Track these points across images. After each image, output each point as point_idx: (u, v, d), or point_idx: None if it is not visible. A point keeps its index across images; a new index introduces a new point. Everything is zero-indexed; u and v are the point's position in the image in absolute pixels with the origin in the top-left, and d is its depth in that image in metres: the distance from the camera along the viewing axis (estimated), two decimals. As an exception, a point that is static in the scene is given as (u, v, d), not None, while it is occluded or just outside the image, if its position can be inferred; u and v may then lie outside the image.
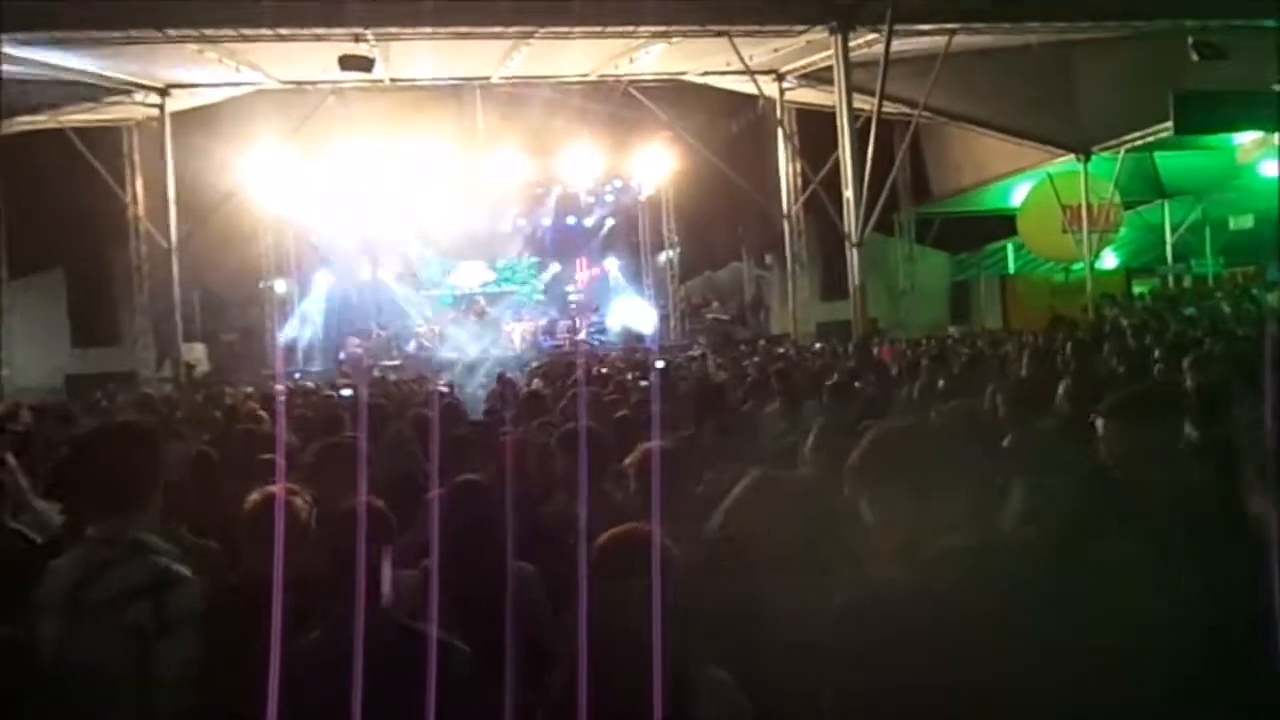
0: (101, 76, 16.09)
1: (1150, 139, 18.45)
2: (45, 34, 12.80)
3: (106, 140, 18.58)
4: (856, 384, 7.50)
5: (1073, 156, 20.38)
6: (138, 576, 2.70)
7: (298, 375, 18.26)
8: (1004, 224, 24.33)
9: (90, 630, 2.66)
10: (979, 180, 23.34)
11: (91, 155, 17.58)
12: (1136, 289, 23.25)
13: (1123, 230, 22.94)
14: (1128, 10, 15.01)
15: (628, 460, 3.60)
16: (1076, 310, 19.51)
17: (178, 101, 18.12)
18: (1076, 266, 22.21)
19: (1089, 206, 20.84)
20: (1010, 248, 25.12)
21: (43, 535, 3.74)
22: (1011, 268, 25.25)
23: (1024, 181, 22.70)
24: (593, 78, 19.05)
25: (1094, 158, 20.26)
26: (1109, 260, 23.94)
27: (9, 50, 13.08)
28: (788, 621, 2.43)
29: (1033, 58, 16.98)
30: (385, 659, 2.53)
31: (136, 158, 19.28)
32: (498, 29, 14.68)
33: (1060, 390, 4.97)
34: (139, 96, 17.69)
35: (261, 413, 9.40)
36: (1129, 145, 19.43)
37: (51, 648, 2.69)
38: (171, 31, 13.34)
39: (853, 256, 15.81)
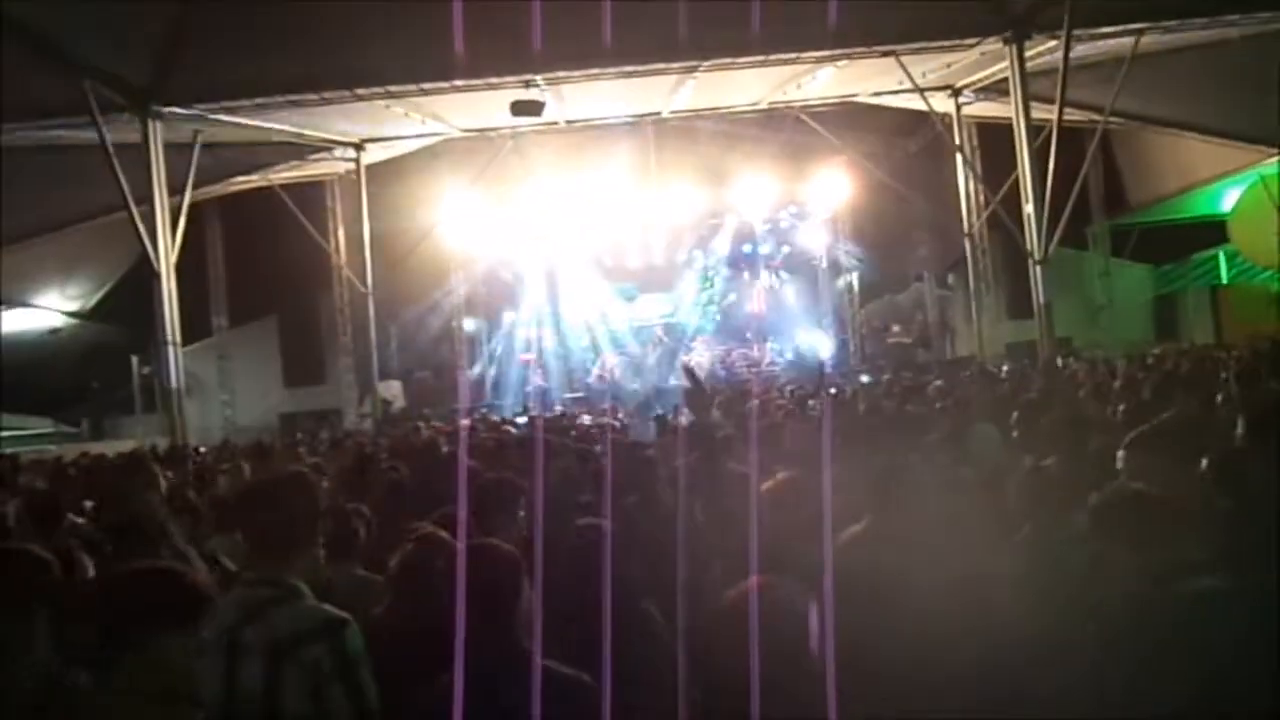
0: (302, 136, 17.43)
1: (1375, 130, 16.73)
2: (249, 101, 14.02)
3: (311, 194, 20.13)
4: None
5: (1287, 155, 18.75)
6: (300, 619, 2.80)
7: (485, 409, 19.10)
8: (1213, 231, 22.55)
9: (249, 671, 2.74)
10: (1182, 186, 21.81)
11: (298, 209, 19.06)
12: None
13: (1351, 232, 20.83)
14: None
15: (765, 485, 3.55)
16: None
17: (372, 155, 19.44)
18: (1299, 274, 20.35)
19: (1310, 207, 19.09)
20: (1222, 256, 23.25)
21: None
22: (1225, 278, 23.37)
23: (1234, 184, 21.02)
24: (763, 105, 19.08)
25: (1312, 154, 18.57)
26: (1336, 265, 21.79)
27: (221, 118, 14.44)
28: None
29: (1233, 51, 15.80)
30: (519, 700, 2.54)
31: (338, 209, 20.78)
32: (661, 65, 14.96)
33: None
34: (338, 152, 19.08)
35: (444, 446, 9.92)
36: (1351, 139, 17.69)
37: (208, 687, 2.76)
38: (360, 91, 14.35)
39: (1036, 273, 15.09)
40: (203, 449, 13.20)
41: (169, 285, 14.54)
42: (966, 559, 3.19)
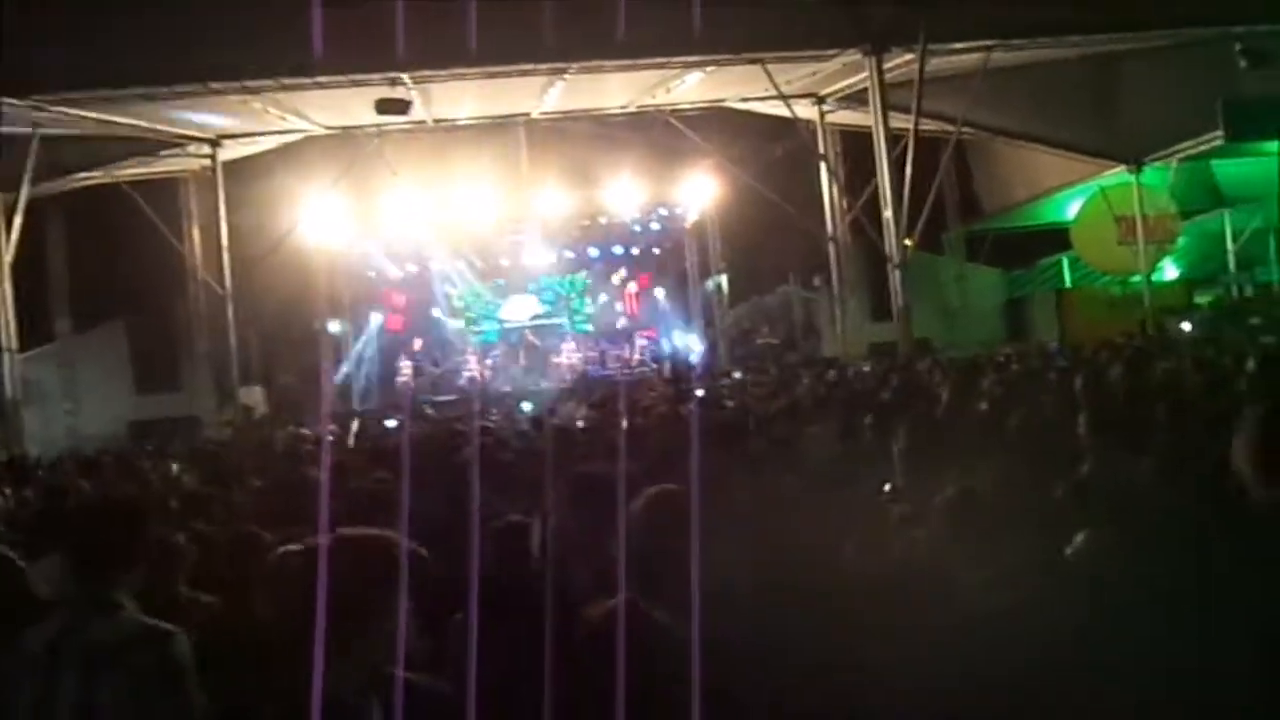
0: (154, 130, 16.63)
1: (1202, 148, 17.97)
2: (94, 93, 13.27)
3: (163, 192, 19.20)
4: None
5: (1124, 168, 19.95)
6: (124, 629, 2.77)
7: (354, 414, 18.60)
8: (1058, 238, 23.82)
9: (69, 683, 2.69)
10: (1030, 195, 22.96)
11: (148, 207, 18.15)
12: (1198, 299, 22.59)
13: (1182, 240, 22.30)
14: (1169, 19, 14.70)
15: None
16: (1133, 324, 19.01)
17: (229, 151, 18.69)
18: (1134, 278, 21.66)
19: (1144, 217, 20.36)
20: (1066, 262, 24.57)
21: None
22: (1068, 282, 24.70)
23: (1077, 194, 22.25)
24: (632, 109, 19.18)
25: (1146, 168, 19.81)
26: (1170, 271, 23.30)
27: (62, 109, 13.62)
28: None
29: (1076, 70, 16.75)
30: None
31: (192, 207, 19.88)
32: (530, 66, 14.88)
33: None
34: (192, 148, 18.27)
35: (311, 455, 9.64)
36: (1181, 155, 18.95)
37: (28, 701, 2.73)
38: (215, 85, 13.77)
39: (894, 277, 15.63)
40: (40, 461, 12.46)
41: (3, 288, 13.65)
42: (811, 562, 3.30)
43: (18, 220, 14.09)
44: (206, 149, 18.42)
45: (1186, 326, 19.01)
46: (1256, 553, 2.47)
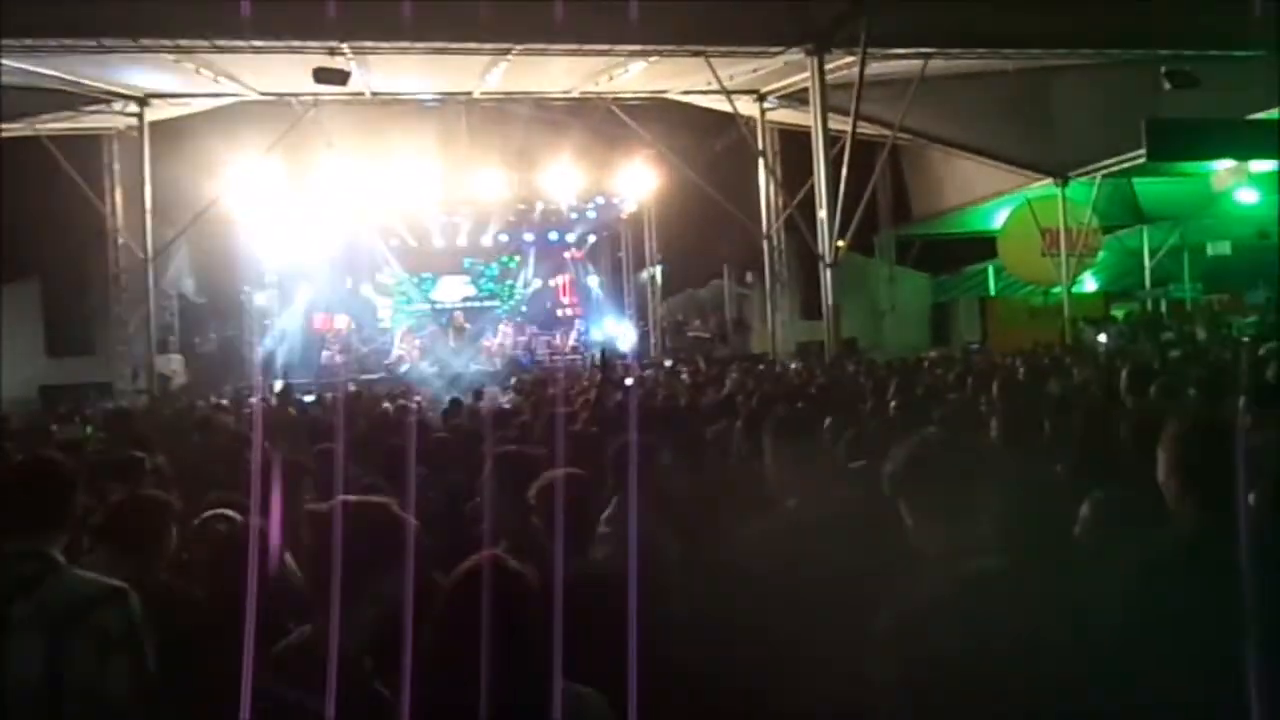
0: (78, 84, 16.06)
1: (1126, 165, 18.54)
2: (15, 41, 12.75)
3: (85, 149, 18.54)
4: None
5: (1051, 181, 20.48)
6: (80, 587, 2.74)
7: (277, 386, 18.21)
8: (985, 246, 24.41)
9: (26, 646, 2.62)
10: (960, 202, 23.43)
11: (69, 164, 17.52)
12: (1115, 312, 23.36)
13: (1102, 254, 23.02)
14: (1100, 40, 15.13)
15: (532, 489, 3.54)
16: (1053, 333, 19.57)
17: (157, 111, 18.12)
18: (1055, 289, 22.28)
19: (1067, 230, 20.93)
20: (991, 270, 25.20)
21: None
22: (992, 290, 25.32)
23: (1005, 205, 22.80)
24: (575, 94, 19.10)
25: (1072, 182, 20.36)
26: (1089, 284, 24.02)
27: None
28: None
29: (1010, 82, 17.13)
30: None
31: (116, 167, 19.27)
32: (474, 45, 14.72)
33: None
34: (118, 106, 17.68)
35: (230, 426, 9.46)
36: (1105, 171, 19.52)
37: None
38: (145, 41, 13.34)
39: (826, 276, 15.85)
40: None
41: (-91, 238, 13.08)
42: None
43: (-74, 169, 13.47)
44: (134, 107, 17.83)
45: (1103, 338, 19.63)
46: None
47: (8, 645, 2.63)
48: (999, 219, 23.25)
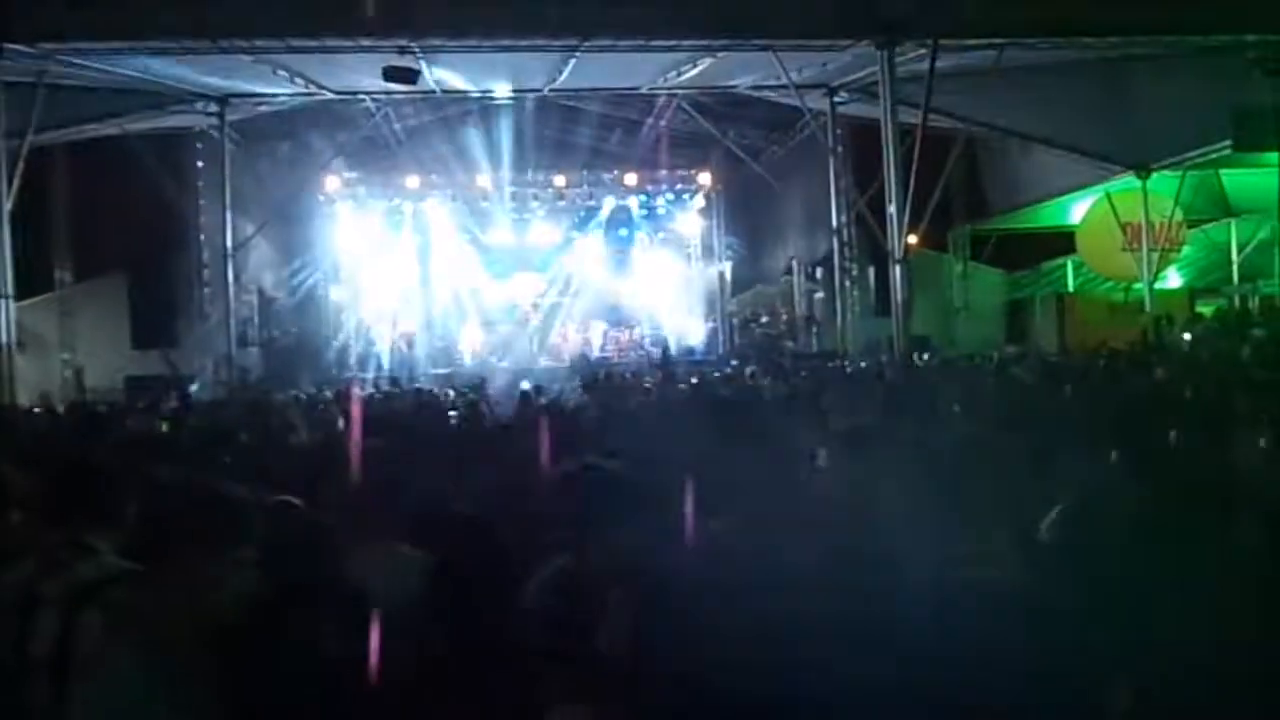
0: (163, 86, 16.61)
1: (1211, 156, 17.88)
2: (104, 44, 13.25)
3: (171, 148, 19.17)
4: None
5: (1132, 173, 19.85)
6: (104, 569, 2.83)
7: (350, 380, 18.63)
8: (1063, 241, 23.77)
9: (45, 622, 2.74)
10: (1037, 196, 22.85)
11: (155, 162, 18.13)
12: (1201, 309, 22.52)
13: (1186, 249, 22.22)
14: (1184, 26, 14.62)
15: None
16: (1134, 331, 18.96)
17: (237, 111, 18.67)
18: (1137, 285, 21.61)
19: (1149, 224, 20.29)
20: (1070, 266, 24.52)
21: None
22: (1071, 286, 24.65)
23: (1083, 198, 22.17)
24: (644, 90, 19.13)
25: (1154, 175, 19.71)
26: (1173, 279, 23.23)
27: (70, 60, 13.62)
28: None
29: (1089, 72, 16.66)
30: None
31: (199, 165, 19.88)
32: (542, 42, 14.84)
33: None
34: (200, 106, 18.24)
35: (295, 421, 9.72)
36: (1189, 162, 18.86)
37: (6, 639, 2.77)
38: (224, 43, 13.75)
39: (894, 273, 15.62)
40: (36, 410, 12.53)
41: (3, 234, 13.66)
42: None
43: (20, 166, 14.04)
44: (215, 107, 18.39)
45: (1187, 336, 18.96)
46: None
47: (31, 621, 2.75)
48: (1077, 213, 22.62)
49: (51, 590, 2.77)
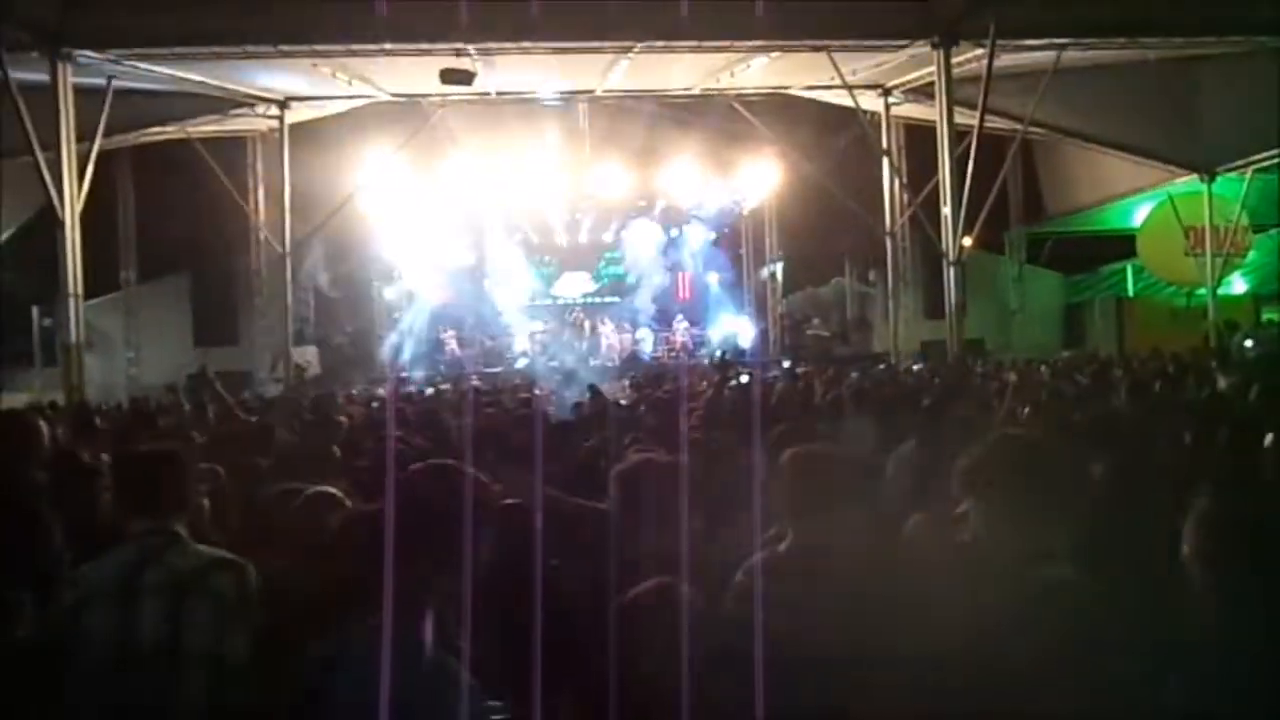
0: (224, 89, 16.94)
1: (1278, 159, 17.45)
2: (167, 50, 13.58)
3: (231, 150, 19.56)
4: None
5: (1196, 176, 19.44)
6: (201, 556, 2.98)
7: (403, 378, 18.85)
8: (1123, 245, 23.33)
9: (151, 611, 2.86)
10: (1096, 199, 22.48)
11: (216, 165, 18.52)
12: (1266, 315, 21.97)
13: (1252, 254, 21.70)
14: (1249, 25, 14.27)
15: (617, 469, 3.51)
16: (1195, 337, 18.55)
17: (296, 114, 18.99)
18: (1200, 291, 21.15)
19: (1214, 228, 19.86)
20: (1130, 270, 24.06)
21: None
22: (1131, 291, 24.19)
23: (1145, 201, 21.76)
24: (696, 91, 19.12)
25: (1219, 178, 19.29)
26: (1237, 285, 22.69)
27: (135, 65, 13.96)
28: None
29: (1151, 73, 16.33)
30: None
31: (258, 167, 20.25)
32: (596, 44, 14.90)
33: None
34: (260, 109, 18.58)
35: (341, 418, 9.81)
36: (1256, 166, 18.42)
37: (97, 637, 2.86)
38: (285, 47, 14.01)
39: (949, 275, 15.45)
40: (103, 407, 12.84)
41: (73, 235, 14.02)
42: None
43: (89, 170, 14.42)
44: (274, 110, 18.73)
45: (1250, 343, 18.50)
46: None
47: (140, 608, 2.86)
48: (1139, 216, 22.20)
49: (154, 578, 2.88)
